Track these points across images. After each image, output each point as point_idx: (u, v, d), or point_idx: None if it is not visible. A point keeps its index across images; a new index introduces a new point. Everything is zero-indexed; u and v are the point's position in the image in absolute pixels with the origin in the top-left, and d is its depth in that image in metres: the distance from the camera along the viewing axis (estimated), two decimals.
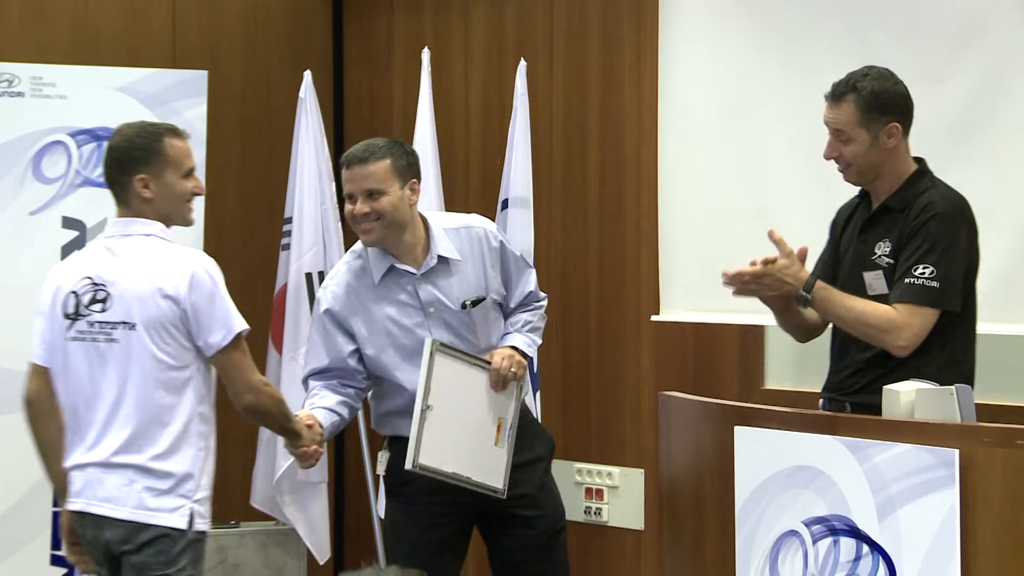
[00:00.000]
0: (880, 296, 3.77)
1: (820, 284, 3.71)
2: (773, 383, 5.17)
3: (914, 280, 3.67)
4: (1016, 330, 4.49)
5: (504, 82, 5.73)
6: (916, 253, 3.70)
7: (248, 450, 5.47)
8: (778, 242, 3.72)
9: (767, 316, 4.08)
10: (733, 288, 3.75)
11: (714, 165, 5.20)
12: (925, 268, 3.67)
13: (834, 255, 3.99)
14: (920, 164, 3.88)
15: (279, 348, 5.49)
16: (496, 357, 4.05)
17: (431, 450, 3.88)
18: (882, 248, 3.80)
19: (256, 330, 3.82)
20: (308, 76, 5.55)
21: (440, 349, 3.93)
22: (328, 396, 4.01)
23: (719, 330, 5.24)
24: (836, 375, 3.92)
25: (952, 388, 3.34)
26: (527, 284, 4.23)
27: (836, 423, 3.37)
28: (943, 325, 3.70)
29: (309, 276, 5.47)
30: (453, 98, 5.95)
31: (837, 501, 3.24)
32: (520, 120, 5.36)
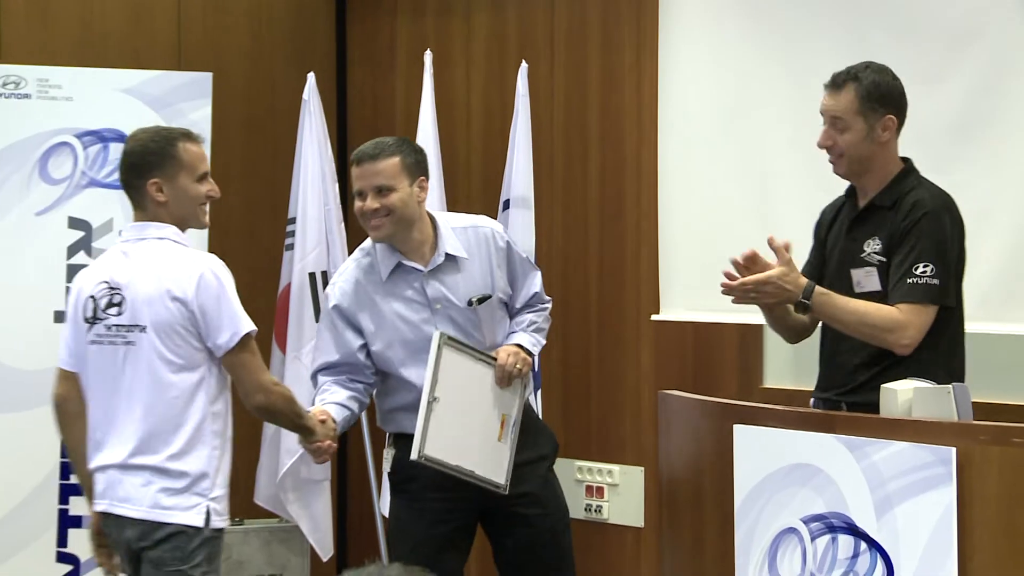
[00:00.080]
0: (869, 293, 3.79)
1: (819, 289, 3.71)
2: (772, 382, 5.15)
3: (916, 279, 3.69)
4: (1014, 329, 4.50)
5: (505, 83, 5.73)
6: (913, 252, 3.71)
7: (252, 448, 5.46)
8: (777, 250, 3.72)
9: None
10: (733, 297, 3.75)
11: (714, 165, 5.21)
12: (925, 267, 3.69)
13: (820, 256, 4.01)
14: (906, 163, 3.90)
15: (283, 347, 5.49)
16: (501, 354, 4.07)
17: (437, 442, 3.88)
18: (871, 246, 3.82)
19: (260, 329, 3.83)
20: (312, 78, 5.55)
21: (448, 342, 3.95)
22: (338, 391, 4.03)
23: (718, 329, 5.24)
24: (829, 376, 3.93)
25: (949, 387, 3.35)
26: (532, 285, 4.25)
27: (834, 421, 3.38)
28: (936, 321, 3.72)
29: (313, 276, 5.47)
30: (455, 99, 5.94)
31: (835, 499, 3.25)
32: (521, 121, 5.36)
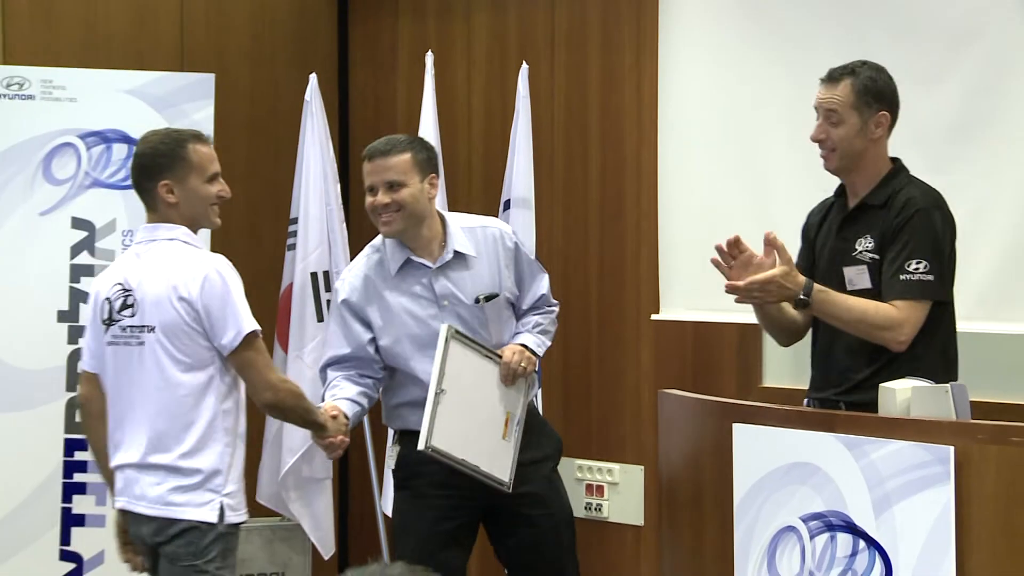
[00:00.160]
0: (861, 291, 3.80)
1: (818, 287, 3.72)
2: (771, 381, 5.16)
3: (910, 276, 3.70)
4: (1011, 329, 4.50)
5: (506, 84, 5.74)
6: (906, 248, 3.73)
7: (254, 447, 5.44)
8: (779, 249, 3.73)
9: None
10: (735, 296, 3.76)
11: (713, 165, 5.22)
12: (919, 263, 3.70)
13: (810, 257, 4.01)
14: (896, 163, 3.91)
15: (284, 347, 5.50)
16: (507, 352, 4.10)
17: (443, 434, 3.89)
18: (864, 244, 3.83)
19: (262, 329, 3.87)
20: (314, 79, 5.55)
21: (455, 336, 3.97)
22: (348, 387, 4.05)
23: (718, 329, 5.25)
24: (825, 376, 3.93)
25: (947, 386, 3.36)
26: (539, 287, 4.27)
27: (833, 420, 3.38)
28: (930, 318, 3.74)
29: (314, 276, 5.48)
30: (456, 100, 5.95)
31: (834, 497, 3.25)
32: (522, 122, 5.37)
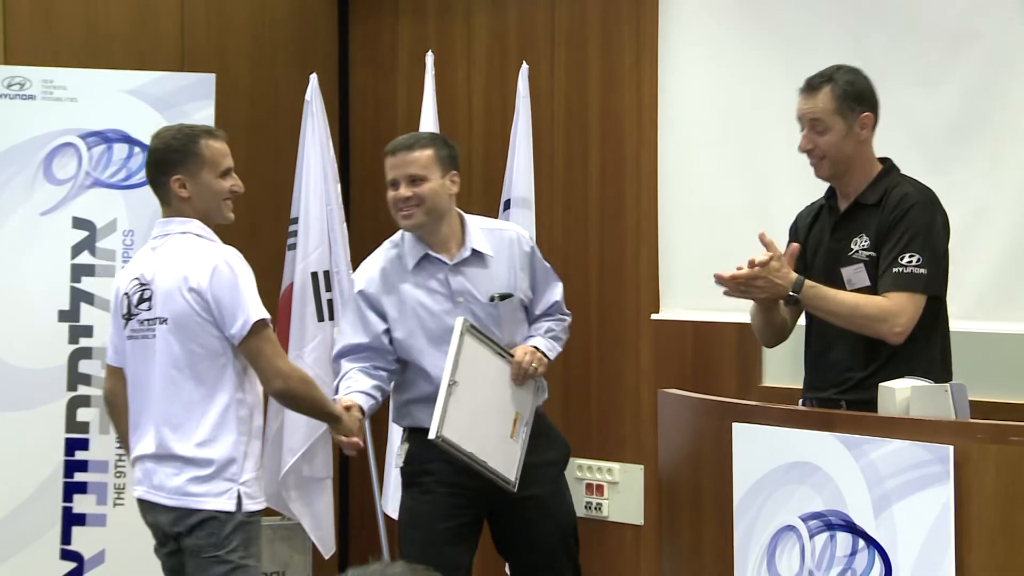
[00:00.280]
0: (861, 290, 3.80)
1: (809, 283, 3.73)
2: (771, 380, 5.17)
3: (902, 269, 3.71)
4: (1010, 328, 4.52)
5: (506, 84, 5.75)
6: (900, 242, 3.74)
7: None
8: (768, 245, 3.75)
9: None
10: (725, 289, 3.77)
11: (713, 165, 5.23)
12: (911, 256, 3.71)
13: (801, 261, 3.99)
14: (886, 162, 3.92)
15: (285, 346, 5.50)
16: (519, 351, 4.13)
17: (454, 425, 3.91)
18: (859, 243, 3.84)
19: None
20: (314, 79, 5.56)
21: (470, 330, 4.00)
22: (363, 379, 4.07)
23: (718, 328, 5.26)
24: (822, 375, 3.93)
25: (947, 386, 3.37)
26: (553, 294, 4.31)
27: (833, 420, 3.38)
28: (926, 314, 3.74)
29: (315, 276, 5.49)
30: (456, 100, 5.96)
31: (834, 496, 3.25)
32: (522, 122, 5.39)
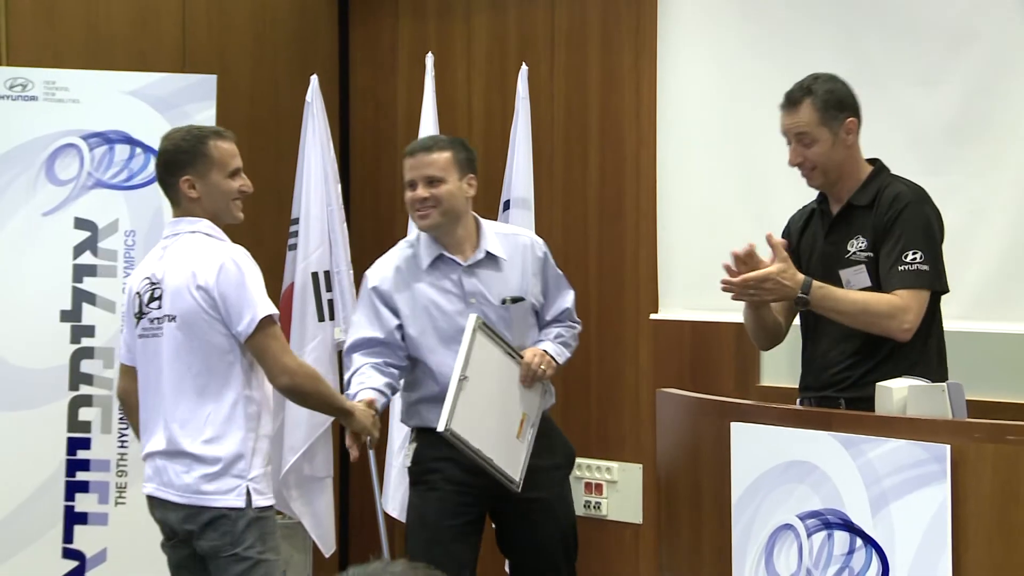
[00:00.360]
0: (861, 291, 3.80)
1: (817, 284, 3.73)
2: (768, 380, 5.19)
3: (907, 267, 3.72)
4: (1008, 328, 4.54)
5: (506, 85, 5.77)
6: (900, 241, 3.75)
7: None
8: (775, 247, 3.75)
9: None
10: (732, 294, 3.77)
11: (712, 166, 5.24)
12: (914, 254, 3.72)
13: (794, 263, 3.97)
14: (875, 163, 3.93)
15: None
16: (528, 353, 4.15)
17: (463, 420, 3.92)
18: (856, 245, 3.85)
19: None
20: (315, 80, 5.57)
21: (482, 328, 4.02)
22: (376, 376, 4.09)
23: (716, 328, 5.27)
24: (820, 373, 3.93)
25: (944, 385, 3.37)
26: (564, 301, 4.33)
27: (830, 419, 3.38)
28: (926, 312, 3.75)
29: (315, 276, 5.50)
30: (456, 101, 5.97)
31: (831, 495, 3.26)
32: (521, 122, 5.40)
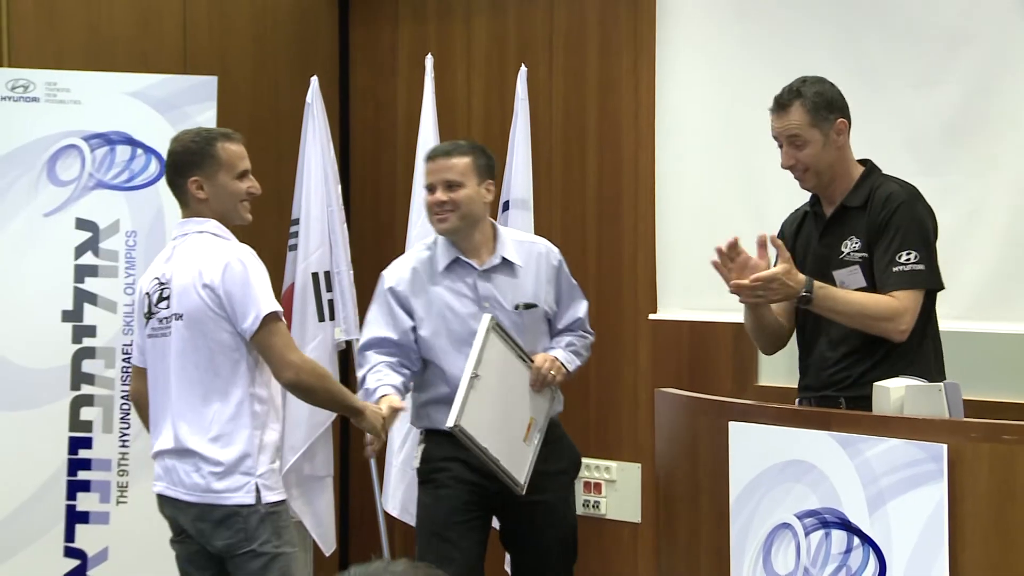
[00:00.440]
0: (856, 291, 3.81)
1: (818, 284, 3.74)
2: (766, 379, 5.22)
3: (902, 267, 3.73)
4: (1004, 328, 4.56)
5: (505, 87, 5.78)
6: (895, 241, 3.76)
7: None
8: (779, 248, 3.77)
9: None
10: (740, 296, 3.78)
11: (710, 168, 5.26)
12: (909, 254, 3.73)
13: None
14: (867, 164, 3.94)
15: None
16: (539, 358, 4.19)
17: (472, 417, 3.94)
18: (850, 246, 3.86)
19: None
20: (315, 81, 5.58)
21: (496, 328, 4.05)
22: (392, 375, 4.12)
23: (714, 328, 5.29)
24: (819, 373, 3.95)
25: (941, 385, 3.39)
26: (577, 311, 4.36)
27: (828, 418, 3.38)
28: (921, 309, 3.77)
29: (316, 276, 5.51)
30: (456, 102, 5.98)
31: (829, 495, 3.26)
32: (521, 124, 5.41)
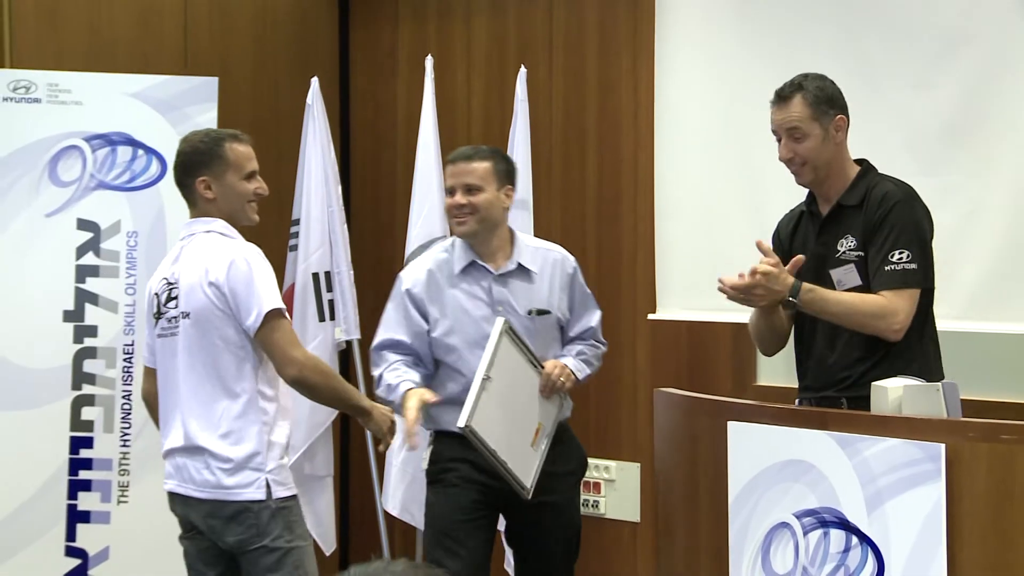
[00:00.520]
0: (852, 290, 3.83)
1: (806, 286, 3.75)
2: (765, 379, 5.22)
3: (894, 266, 3.74)
4: (1002, 328, 4.57)
5: (505, 87, 5.79)
6: (888, 240, 3.76)
7: None
8: (767, 252, 3.78)
9: None
10: (727, 296, 3.80)
11: (709, 168, 5.27)
12: (901, 253, 3.74)
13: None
14: (863, 163, 3.95)
15: None
16: (549, 364, 4.20)
17: (482, 419, 3.95)
18: (846, 244, 3.87)
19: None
20: (315, 82, 5.59)
21: (508, 332, 4.07)
22: (411, 371, 4.16)
23: (713, 328, 5.31)
24: (819, 374, 3.95)
25: (939, 384, 3.38)
26: (590, 320, 4.37)
27: (826, 418, 3.38)
28: (918, 307, 3.78)
29: (316, 276, 5.52)
30: (455, 103, 6.00)
31: (827, 494, 3.26)
32: (520, 124, 5.42)
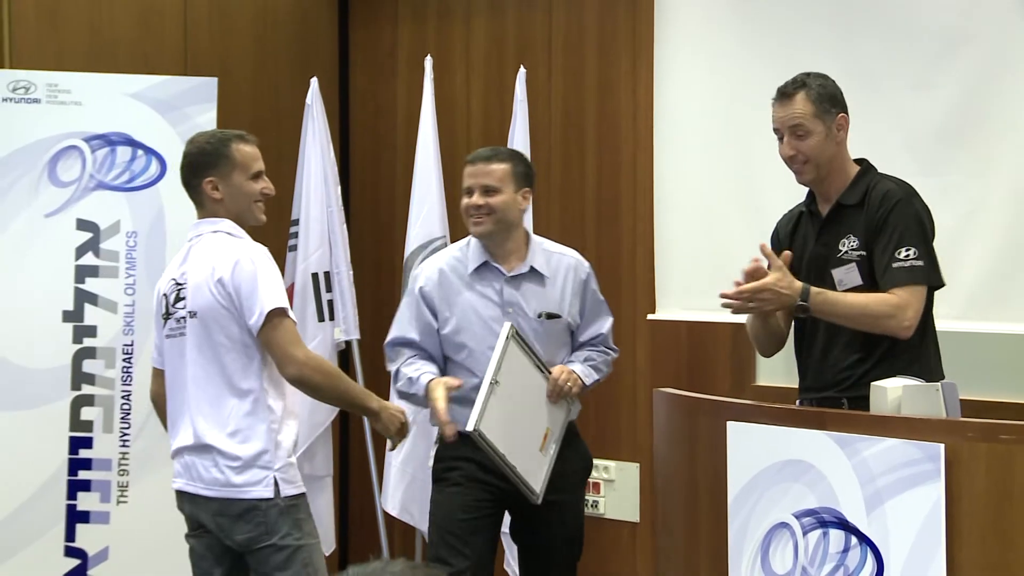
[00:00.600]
0: (853, 289, 3.82)
1: (815, 289, 3.74)
2: (764, 379, 5.23)
3: (901, 264, 3.73)
4: (1002, 328, 4.58)
5: (504, 88, 5.79)
6: (893, 238, 3.76)
7: None
8: (769, 257, 3.77)
9: None
10: (732, 308, 3.77)
11: (708, 168, 5.28)
12: (908, 250, 3.74)
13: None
14: (863, 163, 3.95)
15: None
16: (557, 370, 4.21)
17: (491, 423, 3.96)
18: (848, 244, 3.86)
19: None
20: (315, 82, 5.60)
21: (515, 337, 4.07)
22: (429, 364, 4.20)
23: (712, 328, 5.31)
24: (820, 374, 3.95)
25: (938, 384, 3.39)
26: (601, 326, 4.38)
27: (825, 418, 3.38)
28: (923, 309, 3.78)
29: (315, 276, 5.53)
30: (455, 103, 6.00)
31: (826, 494, 3.26)
32: (519, 125, 5.42)
